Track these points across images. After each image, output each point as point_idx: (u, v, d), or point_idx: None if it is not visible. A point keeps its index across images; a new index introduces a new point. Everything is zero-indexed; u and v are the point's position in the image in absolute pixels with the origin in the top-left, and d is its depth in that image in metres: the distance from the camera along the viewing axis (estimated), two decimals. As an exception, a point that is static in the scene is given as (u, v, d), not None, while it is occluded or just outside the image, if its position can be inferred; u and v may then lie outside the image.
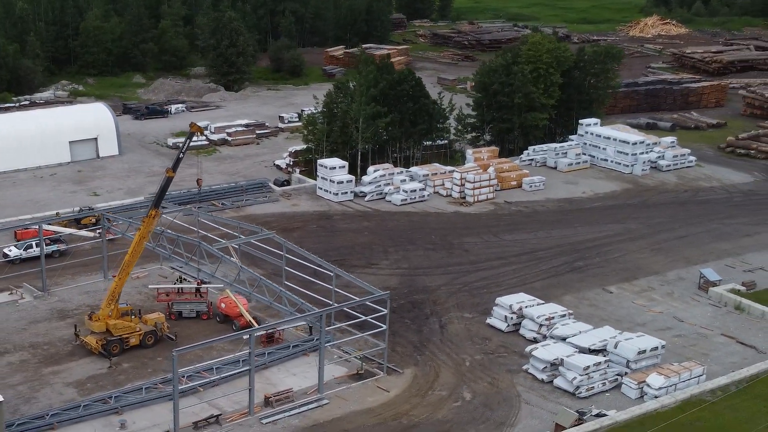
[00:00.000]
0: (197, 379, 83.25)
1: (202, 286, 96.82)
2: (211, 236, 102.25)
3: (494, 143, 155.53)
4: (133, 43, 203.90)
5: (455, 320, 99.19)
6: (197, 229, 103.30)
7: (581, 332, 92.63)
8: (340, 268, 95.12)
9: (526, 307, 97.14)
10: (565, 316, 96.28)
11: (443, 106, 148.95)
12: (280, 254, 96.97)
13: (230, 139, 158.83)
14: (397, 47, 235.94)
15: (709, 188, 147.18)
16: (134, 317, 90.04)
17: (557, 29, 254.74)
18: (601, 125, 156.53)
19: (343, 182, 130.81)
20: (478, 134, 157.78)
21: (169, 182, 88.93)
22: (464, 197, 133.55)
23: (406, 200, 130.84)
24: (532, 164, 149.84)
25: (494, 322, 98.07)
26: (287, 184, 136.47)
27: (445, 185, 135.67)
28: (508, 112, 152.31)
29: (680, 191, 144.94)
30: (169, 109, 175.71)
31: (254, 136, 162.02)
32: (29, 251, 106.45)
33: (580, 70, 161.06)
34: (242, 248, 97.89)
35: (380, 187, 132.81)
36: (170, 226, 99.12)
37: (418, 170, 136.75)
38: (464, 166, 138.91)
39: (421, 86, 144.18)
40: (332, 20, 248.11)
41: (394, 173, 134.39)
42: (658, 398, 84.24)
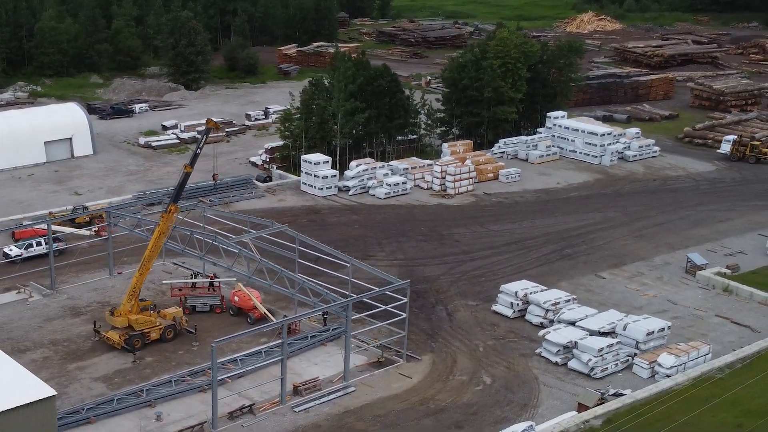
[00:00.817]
0: (224, 371, 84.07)
1: (215, 280, 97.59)
2: (218, 231, 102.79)
3: (462, 137, 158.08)
4: (88, 43, 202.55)
5: (461, 308, 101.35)
6: (203, 224, 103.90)
7: (588, 316, 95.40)
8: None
9: (531, 293, 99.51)
10: (569, 301, 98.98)
11: (415, 101, 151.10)
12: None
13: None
14: (348, 45, 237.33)
15: (676, 177, 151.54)
16: (153, 312, 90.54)
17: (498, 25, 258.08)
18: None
19: (327, 177, 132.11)
20: (446, 128, 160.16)
21: (187, 177, 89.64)
22: (445, 189, 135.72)
23: (389, 194, 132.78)
24: (503, 157, 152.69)
25: (500, 308, 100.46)
26: (269, 180, 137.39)
27: (425, 178, 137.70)
28: (477, 106, 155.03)
29: (649, 180, 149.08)
30: (133, 108, 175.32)
31: (224, 134, 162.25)
32: (30, 250, 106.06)
33: (544, 64, 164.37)
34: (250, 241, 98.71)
35: (363, 181, 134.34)
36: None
37: (398, 164, 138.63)
38: (442, 159, 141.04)
39: (396, 82, 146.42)
40: (281, 19, 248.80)
41: (376, 167, 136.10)
42: (671, 377, 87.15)
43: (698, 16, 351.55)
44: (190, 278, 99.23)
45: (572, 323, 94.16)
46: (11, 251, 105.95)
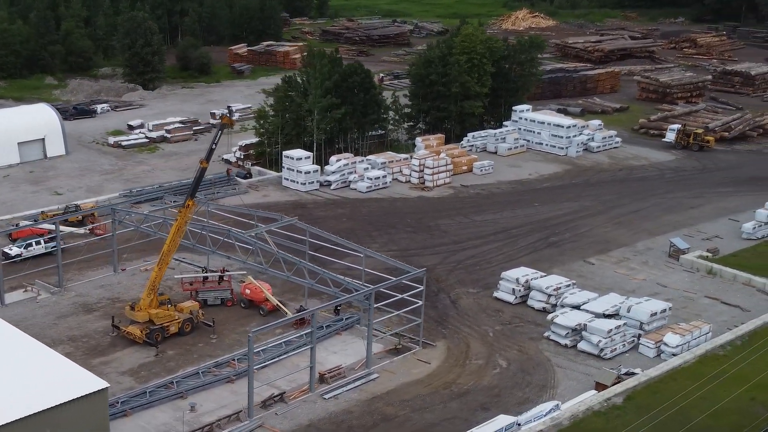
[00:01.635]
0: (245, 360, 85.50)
1: (225, 273, 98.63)
2: (220, 226, 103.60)
3: (429, 132, 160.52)
4: (40, 45, 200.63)
5: (463, 296, 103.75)
6: (207, 219, 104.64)
7: (590, 300, 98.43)
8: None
9: (532, 279, 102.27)
10: (569, 286, 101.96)
11: (385, 98, 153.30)
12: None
13: (169, 136, 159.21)
14: (297, 44, 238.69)
15: (640, 167, 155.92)
16: (170, 306, 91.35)
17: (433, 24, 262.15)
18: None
19: (310, 172, 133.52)
20: (413, 123, 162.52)
21: (203, 173, 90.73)
22: (424, 182, 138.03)
23: (371, 187, 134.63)
24: (472, 150, 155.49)
25: (501, 295, 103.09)
26: (249, 176, 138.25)
27: (402, 172, 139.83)
28: (445, 101, 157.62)
29: (616, 170, 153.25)
30: (95, 109, 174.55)
31: (192, 132, 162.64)
32: (30, 249, 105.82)
33: (506, 59, 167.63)
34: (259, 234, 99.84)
35: (344, 175, 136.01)
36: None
37: (375, 158, 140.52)
38: (419, 153, 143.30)
39: (370, 78, 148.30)
40: (227, 19, 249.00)
41: (356, 162, 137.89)
42: (680, 355, 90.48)
43: (626, 12, 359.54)
44: (201, 272, 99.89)
45: (576, 307, 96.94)
46: (11, 251, 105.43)
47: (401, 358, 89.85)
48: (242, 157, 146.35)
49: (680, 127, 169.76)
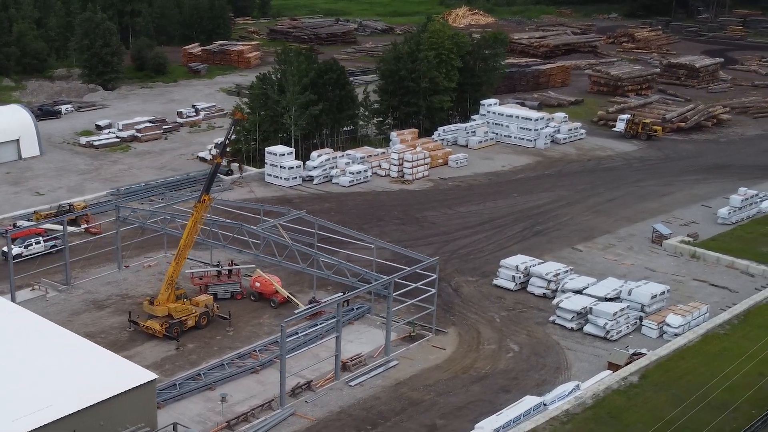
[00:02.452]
0: (267, 352, 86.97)
1: (234, 267, 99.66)
2: (222, 220, 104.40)
3: (398, 127, 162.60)
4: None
5: (463, 284, 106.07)
6: (209, 214, 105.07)
7: (589, 285, 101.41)
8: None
9: (531, 266, 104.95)
10: (567, 272, 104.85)
11: (357, 94, 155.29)
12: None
13: (140, 135, 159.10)
14: (250, 43, 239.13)
15: (607, 157, 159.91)
16: (186, 300, 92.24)
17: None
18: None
19: (293, 168, 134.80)
20: (382, 119, 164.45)
21: (218, 168, 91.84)
22: (403, 176, 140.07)
23: (353, 182, 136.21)
24: (443, 143, 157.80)
25: (501, 282, 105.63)
26: (231, 173, 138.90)
27: (381, 166, 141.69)
28: (414, 96, 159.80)
29: (584, 161, 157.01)
30: (60, 109, 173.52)
31: (161, 131, 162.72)
32: (30, 249, 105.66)
33: (471, 55, 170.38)
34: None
35: (326, 170, 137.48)
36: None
37: (354, 153, 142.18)
38: (396, 147, 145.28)
39: (344, 74, 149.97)
40: (177, 20, 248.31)
41: (337, 157, 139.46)
42: (683, 335, 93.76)
43: (561, 8, 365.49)
44: (211, 267, 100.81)
45: (578, 292, 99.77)
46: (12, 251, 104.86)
47: (417, 345, 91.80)
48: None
49: (630, 117, 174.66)
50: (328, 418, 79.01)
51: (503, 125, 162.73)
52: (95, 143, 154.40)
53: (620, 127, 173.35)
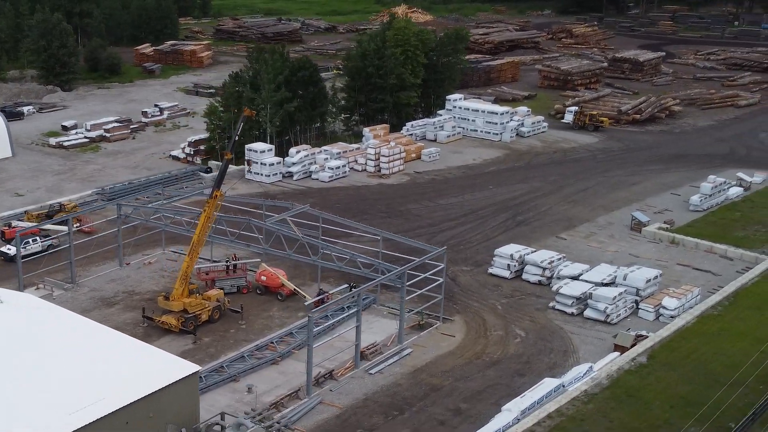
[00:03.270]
0: (283, 344, 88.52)
1: (238, 261, 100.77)
2: (224, 216, 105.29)
3: (365, 123, 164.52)
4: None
5: (459, 274, 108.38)
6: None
7: (583, 271, 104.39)
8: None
9: (525, 255, 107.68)
10: (560, 259, 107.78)
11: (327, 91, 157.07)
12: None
13: (108, 135, 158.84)
14: (201, 43, 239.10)
15: (571, 149, 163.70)
16: (198, 294, 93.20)
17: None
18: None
19: (273, 164, 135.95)
20: (349, 115, 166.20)
21: (228, 164, 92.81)
22: (380, 170, 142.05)
23: (333, 177, 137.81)
24: (413, 138, 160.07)
25: (496, 271, 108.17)
26: (210, 171, 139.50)
27: (357, 161, 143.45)
28: (381, 92, 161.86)
29: (551, 153, 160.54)
30: (22, 111, 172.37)
31: (129, 131, 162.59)
32: (28, 248, 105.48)
33: (434, 51, 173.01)
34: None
35: (306, 166, 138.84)
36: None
37: (331, 149, 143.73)
38: (371, 142, 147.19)
39: (317, 72, 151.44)
40: (126, 20, 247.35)
41: (315, 153, 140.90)
42: (681, 316, 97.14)
43: (496, 6, 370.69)
44: (222, 262, 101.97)
45: (575, 278, 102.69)
46: (9, 251, 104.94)
47: (427, 333, 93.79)
48: (192, 153, 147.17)
49: (578, 109, 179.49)
50: (354, 405, 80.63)
51: (469, 119, 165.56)
52: (65, 144, 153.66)
53: (568, 118, 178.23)
